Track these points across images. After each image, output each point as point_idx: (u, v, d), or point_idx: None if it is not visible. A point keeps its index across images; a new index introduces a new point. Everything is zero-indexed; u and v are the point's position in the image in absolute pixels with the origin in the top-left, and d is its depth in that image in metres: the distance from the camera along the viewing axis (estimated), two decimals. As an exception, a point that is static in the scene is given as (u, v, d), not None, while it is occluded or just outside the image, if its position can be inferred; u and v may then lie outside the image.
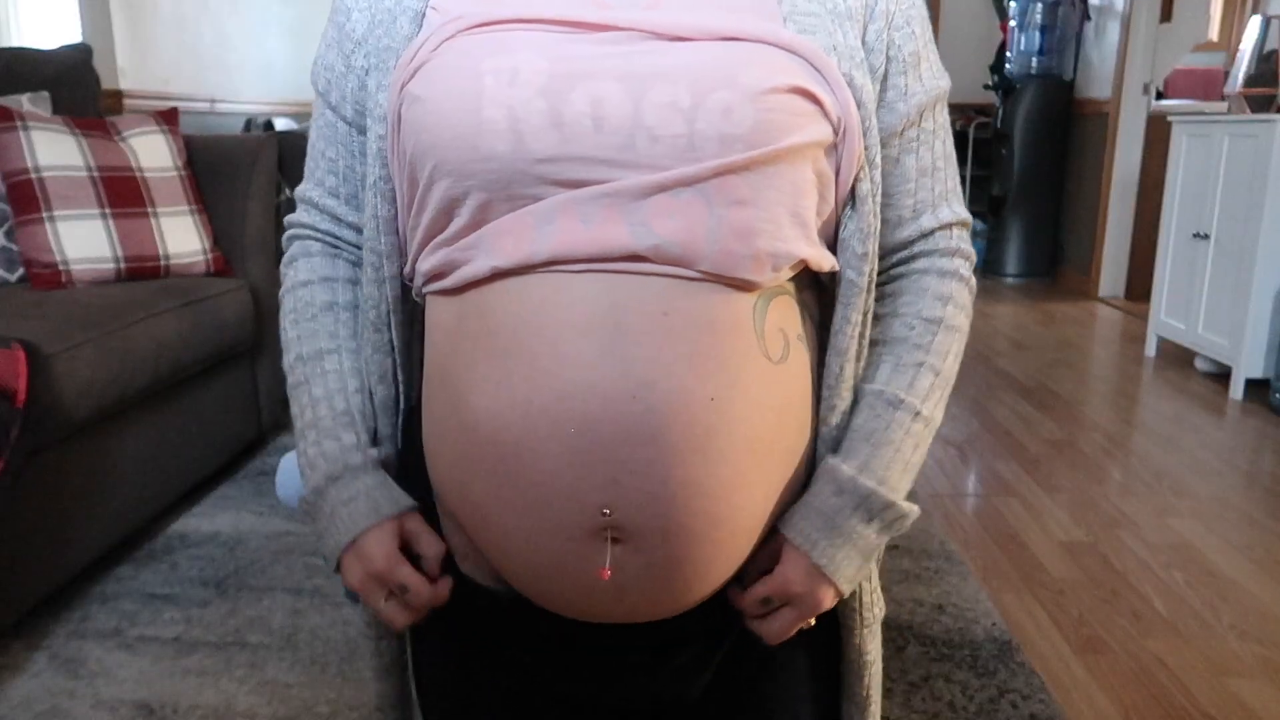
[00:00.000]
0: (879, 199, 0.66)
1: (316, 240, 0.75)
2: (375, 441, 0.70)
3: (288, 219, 0.76)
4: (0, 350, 1.50)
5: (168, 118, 2.33)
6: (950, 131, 0.72)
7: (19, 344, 1.53)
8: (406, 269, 0.67)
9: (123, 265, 2.08)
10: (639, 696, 0.69)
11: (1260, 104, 3.31)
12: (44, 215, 2.00)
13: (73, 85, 2.45)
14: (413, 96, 0.60)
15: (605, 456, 0.56)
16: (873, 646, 0.73)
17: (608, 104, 0.57)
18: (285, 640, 1.61)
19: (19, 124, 2.02)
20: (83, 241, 2.03)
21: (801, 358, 0.64)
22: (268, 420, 2.53)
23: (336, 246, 0.75)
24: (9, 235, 2.08)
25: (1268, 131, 2.97)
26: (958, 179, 0.73)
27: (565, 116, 0.57)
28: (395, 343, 0.69)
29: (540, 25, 0.60)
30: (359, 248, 0.73)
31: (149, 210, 2.15)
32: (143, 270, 2.12)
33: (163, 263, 2.16)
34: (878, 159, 0.65)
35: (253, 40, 3.89)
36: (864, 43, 0.65)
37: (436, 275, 0.63)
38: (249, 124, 3.52)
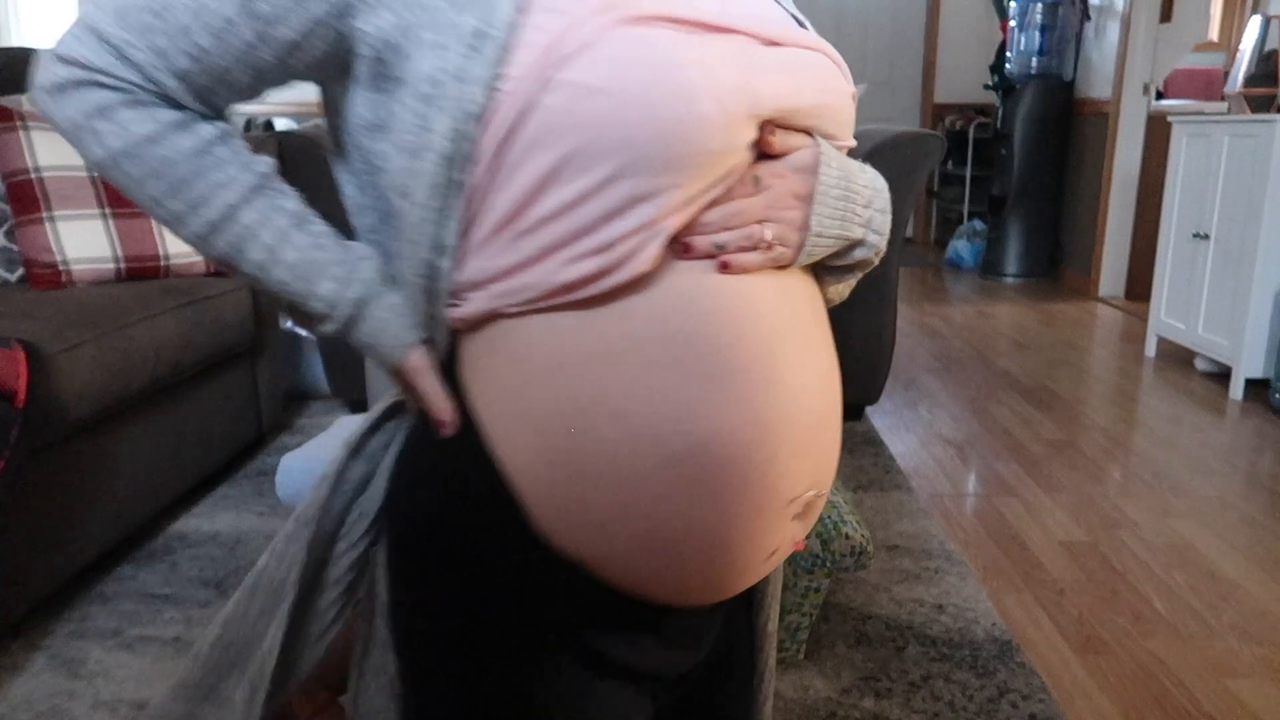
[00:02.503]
0: None
1: (132, 91, 0.59)
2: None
3: (65, 53, 0.59)
4: (0, 350, 1.50)
5: (168, 118, 2.33)
6: None
7: (19, 344, 1.53)
8: (496, 282, 0.59)
9: (123, 265, 2.09)
10: (671, 668, 0.70)
11: (1260, 104, 3.31)
12: (44, 215, 2.00)
13: (73, 85, 2.45)
14: (584, 87, 0.54)
15: (815, 447, 0.62)
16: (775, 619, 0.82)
17: (799, 96, 0.60)
18: (285, 640, 1.61)
19: (19, 124, 2.02)
20: (83, 241, 2.03)
21: None
22: (268, 420, 2.53)
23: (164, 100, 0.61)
24: (9, 235, 2.08)
25: (1268, 131, 2.97)
26: None
27: (760, 108, 0.58)
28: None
29: (684, 26, 0.57)
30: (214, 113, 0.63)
31: (149, 210, 2.15)
32: (143, 270, 2.12)
33: (163, 263, 2.16)
34: None
35: (253, 40, 3.89)
36: None
37: (582, 283, 0.57)
38: (249, 124, 3.52)
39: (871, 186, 0.66)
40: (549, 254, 0.57)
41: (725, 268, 0.59)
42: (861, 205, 0.64)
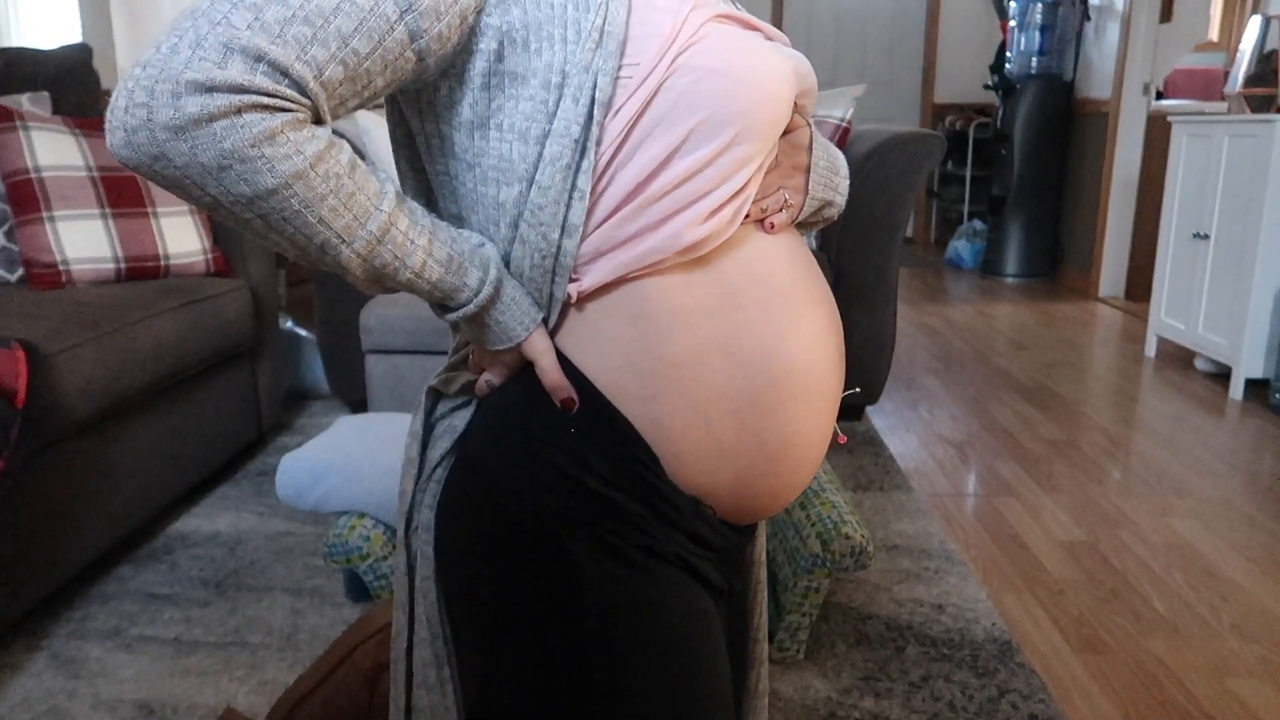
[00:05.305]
0: None
1: (298, 111, 0.57)
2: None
3: (206, 79, 0.53)
4: (0, 350, 1.50)
5: (168, 118, 2.32)
6: None
7: (19, 344, 1.53)
8: (628, 256, 0.66)
9: (123, 265, 2.09)
10: (726, 588, 0.80)
11: (1260, 104, 3.31)
12: (44, 215, 2.00)
13: (73, 85, 2.45)
14: (705, 69, 0.64)
15: (840, 352, 0.76)
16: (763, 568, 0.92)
17: (805, 80, 0.73)
18: (285, 640, 1.62)
19: (19, 124, 2.02)
20: (83, 241, 2.03)
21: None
22: (268, 420, 2.53)
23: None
24: (9, 235, 2.08)
25: (1268, 131, 2.97)
26: None
27: (796, 90, 0.71)
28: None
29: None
30: None
31: (149, 210, 2.15)
32: (143, 270, 2.12)
33: (163, 263, 2.16)
34: None
35: (253, 40, 3.88)
36: None
37: (701, 243, 0.66)
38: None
39: (839, 159, 0.81)
40: (671, 217, 0.65)
41: (772, 228, 0.71)
42: (837, 174, 0.80)
